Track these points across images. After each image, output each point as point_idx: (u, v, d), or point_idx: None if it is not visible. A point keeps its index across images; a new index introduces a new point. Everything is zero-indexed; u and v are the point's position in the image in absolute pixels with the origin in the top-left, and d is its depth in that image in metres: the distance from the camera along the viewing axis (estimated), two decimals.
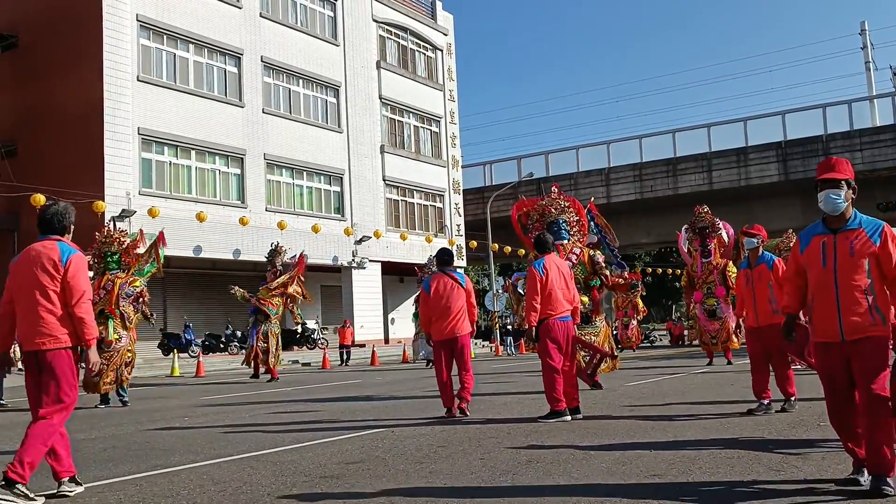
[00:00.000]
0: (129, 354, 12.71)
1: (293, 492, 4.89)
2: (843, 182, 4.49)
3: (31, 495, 4.78)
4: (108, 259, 12.77)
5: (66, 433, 5.08)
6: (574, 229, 11.61)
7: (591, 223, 12.39)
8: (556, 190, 12.08)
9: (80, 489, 5.04)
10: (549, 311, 8.16)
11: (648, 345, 35.15)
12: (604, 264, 11.51)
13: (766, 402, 7.79)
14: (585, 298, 11.04)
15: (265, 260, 19.48)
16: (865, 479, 4.28)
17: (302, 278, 18.96)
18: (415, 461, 5.83)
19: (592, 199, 14.22)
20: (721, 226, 16.74)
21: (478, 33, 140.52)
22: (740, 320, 8.44)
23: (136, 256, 13.36)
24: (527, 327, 8.29)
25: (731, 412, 7.97)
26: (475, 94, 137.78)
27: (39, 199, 21.66)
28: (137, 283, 12.91)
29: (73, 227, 5.29)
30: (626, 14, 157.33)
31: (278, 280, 18.40)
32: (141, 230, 14.49)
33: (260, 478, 5.41)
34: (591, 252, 11.53)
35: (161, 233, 14.71)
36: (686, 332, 33.39)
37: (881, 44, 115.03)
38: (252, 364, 18.21)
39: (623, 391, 11.10)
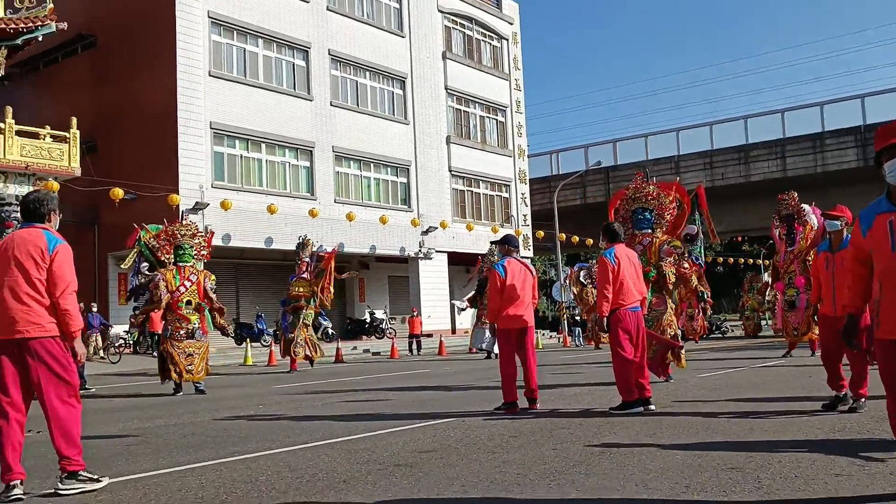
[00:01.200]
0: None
1: (368, 479, 4.95)
2: None
3: (96, 476, 4.94)
4: (186, 251, 13.16)
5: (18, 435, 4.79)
6: (657, 218, 11.28)
7: (696, 212, 11.84)
8: (640, 178, 11.79)
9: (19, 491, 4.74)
10: (621, 301, 8.05)
11: (720, 335, 34.47)
12: (673, 259, 10.96)
13: (842, 394, 7.43)
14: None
15: (294, 250, 19.69)
16: None
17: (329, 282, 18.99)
18: (487, 451, 5.85)
19: (703, 183, 13.59)
20: (809, 212, 15.96)
21: (544, 21, 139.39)
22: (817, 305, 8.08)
23: (207, 253, 13.86)
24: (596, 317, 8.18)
25: (809, 406, 7.75)
26: (541, 82, 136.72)
27: (118, 193, 22.41)
28: (213, 278, 13.39)
29: (55, 214, 5.13)
30: None
31: (319, 281, 18.64)
32: (211, 231, 15.08)
33: (335, 465, 5.50)
34: (667, 239, 11.08)
35: (211, 232, 15.39)
36: (767, 323, 32.61)
37: None
38: (299, 354, 18.44)
39: (695, 383, 10.92)
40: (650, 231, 11.11)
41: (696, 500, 4.11)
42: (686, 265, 11.00)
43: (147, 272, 14.22)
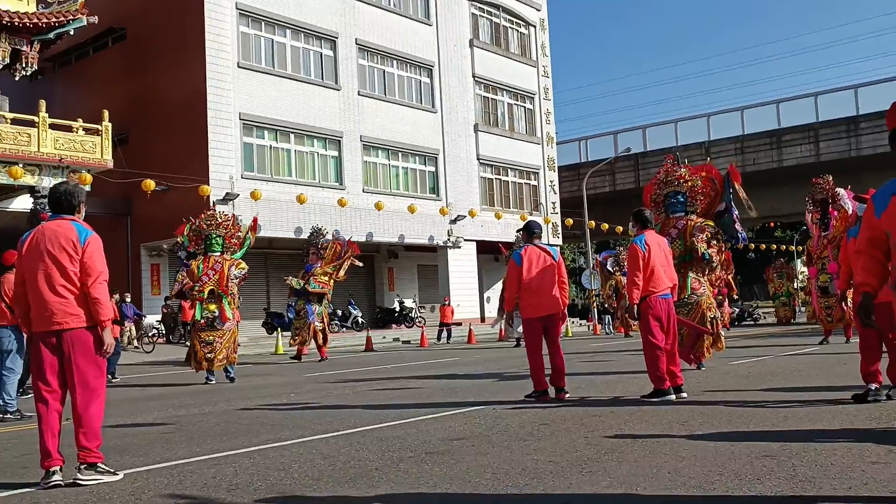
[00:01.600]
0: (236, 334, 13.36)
1: (400, 467, 4.98)
2: None
3: (113, 470, 4.99)
4: (213, 241, 13.24)
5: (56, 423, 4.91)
6: (690, 201, 11.11)
7: (728, 190, 11.54)
8: (671, 161, 11.63)
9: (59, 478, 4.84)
10: (651, 289, 8.00)
11: (752, 322, 34.16)
12: (705, 235, 10.75)
13: (874, 387, 7.12)
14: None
15: (307, 241, 19.39)
16: None
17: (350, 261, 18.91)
18: (518, 438, 5.85)
19: (734, 163, 13.21)
20: (844, 197, 15.64)
21: (571, 6, 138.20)
22: (846, 293, 7.85)
23: (238, 240, 13.88)
24: (626, 304, 8.09)
25: (845, 394, 7.61)
26: (569, 69, 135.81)
27: (150, 184, 22.64)
28: (243, 266, 13.41)
29: (83, 205, 5.22)
30: None
31: (335, 264, 18.47)
32: (255, 217, 15.13)
33: (367, 453, 5.54)
34: (699, 221, 10.91)
35: (255, 218, 15.35)
36: (801, 310, 32.25)
37: None
38: (302, 344, 18.22)
39: (727, 370, 10.83)
40: (683, 214, 11.00)
41: (729, 487, 4.08)
42: (714, 242, 10.76)
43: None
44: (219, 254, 13.24)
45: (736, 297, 29.10)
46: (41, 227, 5.08)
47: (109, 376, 15.76)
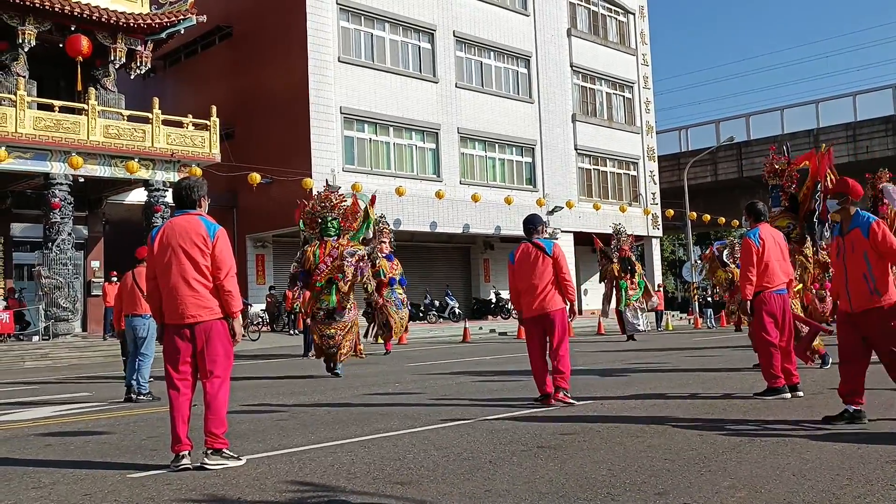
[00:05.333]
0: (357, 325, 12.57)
1: (513, 460, 4.99)
2: None
3: (237, 455, 5.17)
4: (328, 224, 12.48)
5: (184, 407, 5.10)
6: (782, 195, 10.70)
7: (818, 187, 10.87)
8: (773, 153, 11.15)
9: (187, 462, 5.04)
10: (766, 284, 7.75)
11: None
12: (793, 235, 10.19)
13: (852, 409, 6.01)
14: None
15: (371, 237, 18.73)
16: None
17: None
18: (630, 434, 5.78)
19: (845, 152, 11.88)
20: (891, 191, 14.21)
21: None
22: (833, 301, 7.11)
23: (353, 220, 13.16)
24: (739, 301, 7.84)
25: None
26: (670, 56, 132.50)
27: (255, 177, 23.36)
28: (358, 247, 12.69)
29: (205, 199, 5.34)
30: None
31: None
32: (354, 194, 14.84)
33: (478, 445, 5.58)
34: (788, 222, 10.38)
35: (373, 196, 14.92)
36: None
37: None
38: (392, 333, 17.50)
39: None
40: (778, 208, 10.56)
41: (860, 493, 3.92)
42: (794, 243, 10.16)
43: None
44: (335, 238, 12.44)
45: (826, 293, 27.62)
46: (169, 222, 5.26)
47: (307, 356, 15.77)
